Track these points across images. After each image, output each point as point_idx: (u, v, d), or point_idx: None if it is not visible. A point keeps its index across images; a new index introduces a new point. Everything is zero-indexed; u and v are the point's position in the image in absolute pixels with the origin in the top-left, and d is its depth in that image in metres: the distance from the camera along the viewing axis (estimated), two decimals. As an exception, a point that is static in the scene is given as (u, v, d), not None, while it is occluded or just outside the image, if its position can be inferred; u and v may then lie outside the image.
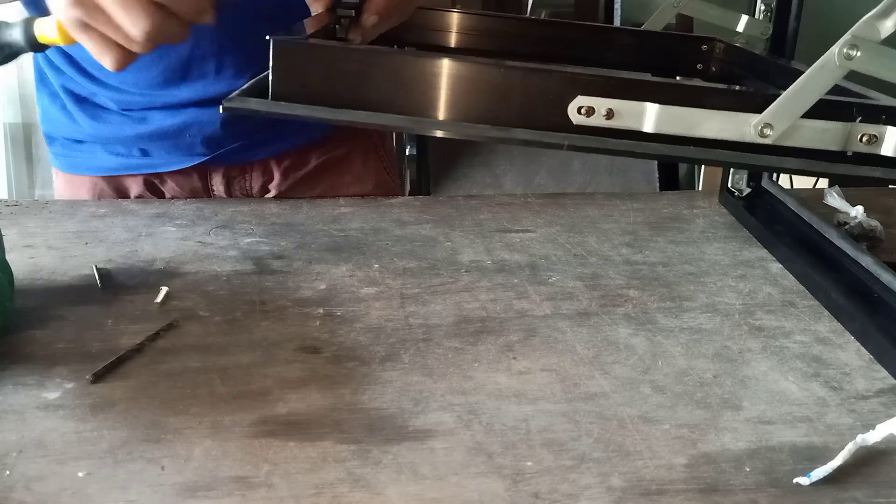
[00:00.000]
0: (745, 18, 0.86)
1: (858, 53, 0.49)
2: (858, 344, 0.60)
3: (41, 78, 0.90)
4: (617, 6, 2.54)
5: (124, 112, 0.86)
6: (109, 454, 0.47)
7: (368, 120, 0.53)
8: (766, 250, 0.76)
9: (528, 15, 2.71)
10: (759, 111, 0.52)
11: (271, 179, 0.91)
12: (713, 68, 0.85)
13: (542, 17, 2.80)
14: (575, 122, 0.52)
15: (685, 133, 0.53)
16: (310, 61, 0.53)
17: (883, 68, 0.51)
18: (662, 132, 0.52)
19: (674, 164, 2.46)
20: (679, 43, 0.87)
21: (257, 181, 0.91)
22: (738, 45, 0.85)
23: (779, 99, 0.51)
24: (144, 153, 0.88)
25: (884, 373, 0.56)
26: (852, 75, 0.51)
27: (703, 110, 0.52)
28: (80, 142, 0.90)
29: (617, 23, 2.55)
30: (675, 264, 0.73)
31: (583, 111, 0.52)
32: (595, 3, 2.70)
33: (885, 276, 0.64)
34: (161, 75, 0.83)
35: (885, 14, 0.49)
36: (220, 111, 0.52)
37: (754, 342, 0.60)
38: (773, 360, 0.58)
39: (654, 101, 0.52)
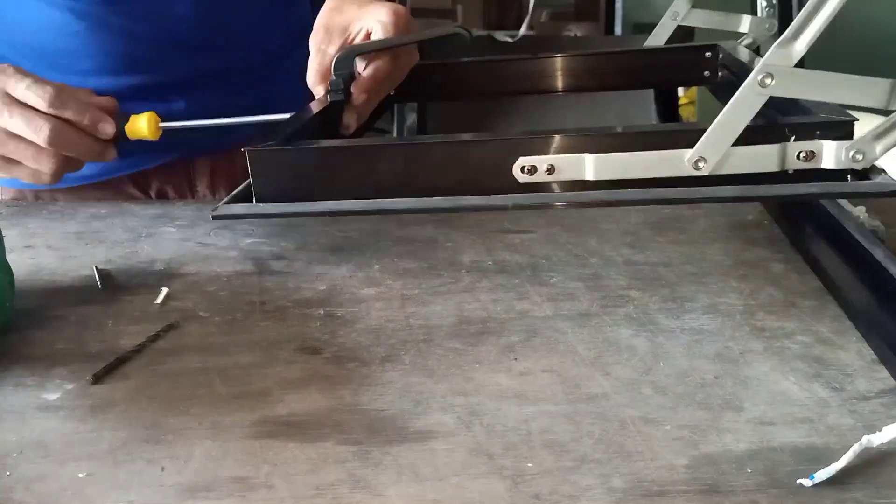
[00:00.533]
0: (747, 18, 0.86)
1: (773, 81, 0.51)
2: (860, 344, 0.60)
3: None
4: (618, 5, 2.54)
5: None
6: (109, 455, 0.47)
7: (337, 209, 0.59)
8: (767, 250, 0.76)
9: (529, 15, 2.70)
10: (692, 146, 0.54)
11: None
12: (720, 73, 0.85)
13: (544, 17, 2.80)
14: (520, 182, 0.56)
15: (624, 176, 0.55)
16: (280, 164, 0.60)
17: (800, 90, 0.52)
18: (603, 178, 0.55)
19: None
20: (683, 55, 0.88)
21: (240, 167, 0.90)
22: (744, 46, 0.85)
23: (706, 132, 0.53)
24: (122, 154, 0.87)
25: (885, 373, 0.56)
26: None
27: (637, 153, 0.55)
28: None
29: (618, 22, 2.55)
30: (676, 265, 0.73)
31: (526, 170, 0.55)
32: (596, 3, 2.70)
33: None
34: (136, 56, 0.83)
35: (793, 38, 0.51)
36: (211, 218, 0.60)
37: (756, 343, 0.60)
38: (774, 360, 0.58)
39: (591, 151, 0.55)
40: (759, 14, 0.85)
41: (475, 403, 0.52)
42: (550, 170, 0.55)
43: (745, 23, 0.86)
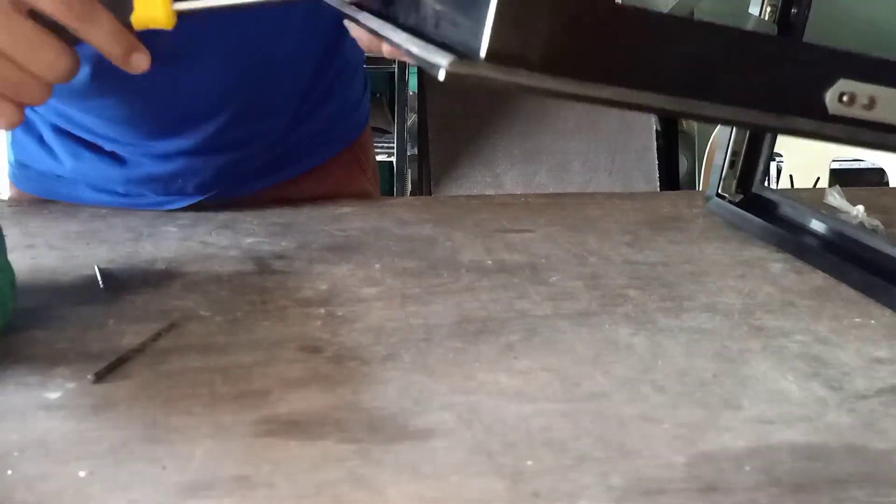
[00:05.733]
0: (753, 19, 0.86)
1: None
2: (859, 343, 0.60)
3: None
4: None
5: (111, 155, 0.83)
6: (111, 454, 0.47)
7: (631, 98, 0.39)
8: (766, 250, 0.76)
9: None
10: None
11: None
12: None
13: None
14: (830, 112, 0.42)
15: None
16: (549, 14, 0.36)
17: None
18: None
19: (674, 162, 2.45)
20: None
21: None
22: None
23: None
24: (130, 194, 0.86)
25: (883, 372, 0.56)
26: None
27: None
28: (59, 177, 0.86)
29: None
30: (675, 264, 0.73)
31: (844, 98, 0.42)
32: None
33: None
34: (155, 128, 0.80)
35: None
36: (441, 78, 0.36)
37: (754, 342, 0.60)
38: (772, 359, 0.58)
39: None
40: (762, 16, 0.84)
41: (475, 402, 0.52)
42: (870, 104, 0.42)
43: (751, 23, 0.86)
